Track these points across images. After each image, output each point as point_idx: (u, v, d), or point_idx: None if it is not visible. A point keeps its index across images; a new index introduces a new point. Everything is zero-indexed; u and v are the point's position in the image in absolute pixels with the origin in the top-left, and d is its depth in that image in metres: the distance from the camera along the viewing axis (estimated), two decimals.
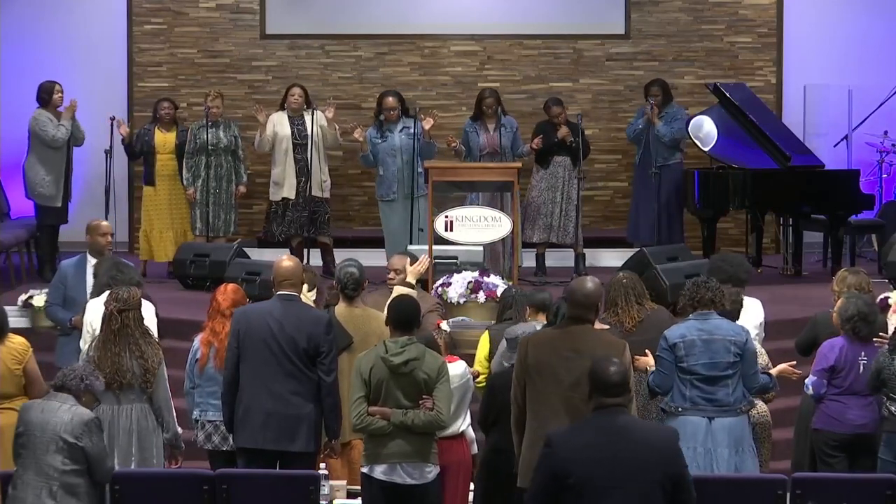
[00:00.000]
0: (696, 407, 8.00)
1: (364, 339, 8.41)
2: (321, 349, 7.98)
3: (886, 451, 8.28)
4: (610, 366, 6.23)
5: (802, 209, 13.16)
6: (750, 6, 14.99)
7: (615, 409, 6.17)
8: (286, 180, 13.04)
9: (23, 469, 7.21)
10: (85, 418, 7.24)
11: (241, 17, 15.01)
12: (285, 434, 7.98)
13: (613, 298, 8.92)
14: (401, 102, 12.84)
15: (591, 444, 6.07)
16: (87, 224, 10.35)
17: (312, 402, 8.00)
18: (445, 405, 7.59)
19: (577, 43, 15.02)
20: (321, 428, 8.10)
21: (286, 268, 8.22)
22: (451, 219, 11.43)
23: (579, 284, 7.38)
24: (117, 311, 8.21)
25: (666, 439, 6.18)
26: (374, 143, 12.80)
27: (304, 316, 8.08)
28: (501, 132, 12.97)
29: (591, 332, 7.36)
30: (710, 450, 7.96)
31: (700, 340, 8.01)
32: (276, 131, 13.06)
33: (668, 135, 13.44)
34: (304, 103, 13.11)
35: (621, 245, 13.86)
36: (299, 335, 7.97)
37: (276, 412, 7.97)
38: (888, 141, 14.46)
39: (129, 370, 8.13)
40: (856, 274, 9.23)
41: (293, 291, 8.18)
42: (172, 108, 13.30)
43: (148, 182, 13.28)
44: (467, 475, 8.32)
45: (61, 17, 14.88)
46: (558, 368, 7.14)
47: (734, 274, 9.21)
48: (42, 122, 12.79)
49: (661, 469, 6.05)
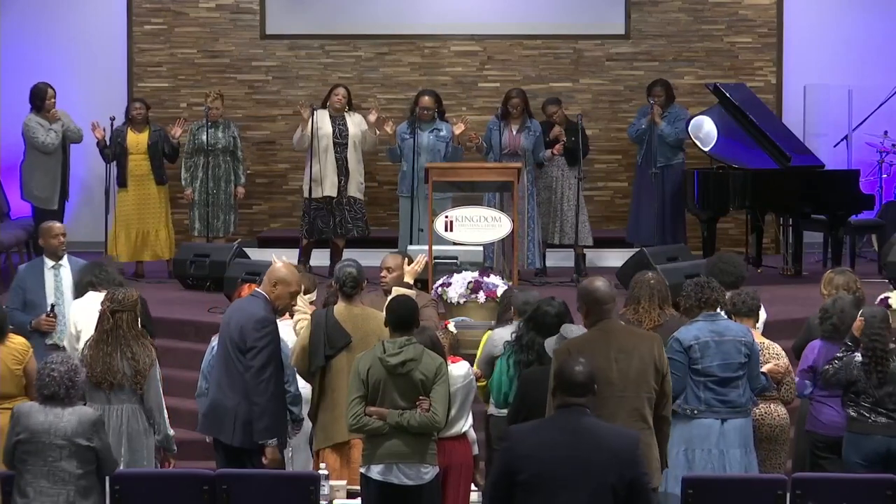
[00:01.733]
0: (711, 409, 7.99)
1: (363, 339, 8.39)
2: (248, 345, 8.04)
3: (854, 452, 8.26)
4: (576, 365, 6.14)
5: (802, 209, 13.15)
6: (750, 6, 14.99)
7: (578, 409, 6.07)
8: (327, 178, 12.99)
9: (32, 476, 7.18)
10: (92, 418, 7.25)
11: (241, 17, 15.01)
12: (216, 423, 8.13)
13: (637, 296, 8.80)
14: (438, 104, 12.90)
15: (547, 443, 5.99)
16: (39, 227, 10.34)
17: (240, 396, 8.07)
18: (442, 406, 7.58)
19: (577, 43, 15.02)
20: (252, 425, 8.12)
21: (277, 271, 8.28)
22: (451, 219, 11.42)
23: (591, 286, 7.25)
24: (110, 311, 8.20)
25: (626, 443, 6.06)
26: (403, 138, 12.85)
27: (245, 310, 8.17)
28: (524, 134, 12.96)
29: (628, 330, 7.34)
30: (722, 451, 7.96)
31: (713, 342, 8.01)
32: (318, 128, 13.01)
33: (672, 135, 13.43)
34: (347, 104, 13.11)
35: (621, 245, 13.85)
36: (234, 327, 8.10)
37: (214, 401, 8.16)
38: (888, 141, 14.46)
39: (120, 371, 8.11)
40: (842, 274, 9.24)
41: (263, 291, 8.26)
42: (144, 108, 13.27)
43: (121, 184, 13.18)
44: (469, 476, 8.30)
45: (61, 17, 14.88)
46: (608, 371, 7.00)
47: (741, 274, 9.24)
48: (32, 128, 12.81)
49: (616, 472, 5.94)
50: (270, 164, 14.97)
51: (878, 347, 8.21)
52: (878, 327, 8.24)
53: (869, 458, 8.22)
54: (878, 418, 8.22)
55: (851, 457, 8.28)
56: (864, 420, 8.25)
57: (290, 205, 14.77)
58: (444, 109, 13.10)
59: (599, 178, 14.84)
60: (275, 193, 15.00)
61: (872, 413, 8.23)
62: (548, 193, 13.21)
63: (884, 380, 8.21)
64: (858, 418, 8.27)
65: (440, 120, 12.90)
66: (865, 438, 8.24)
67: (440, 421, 7.61)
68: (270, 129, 14.80)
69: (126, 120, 13.28)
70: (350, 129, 12.99)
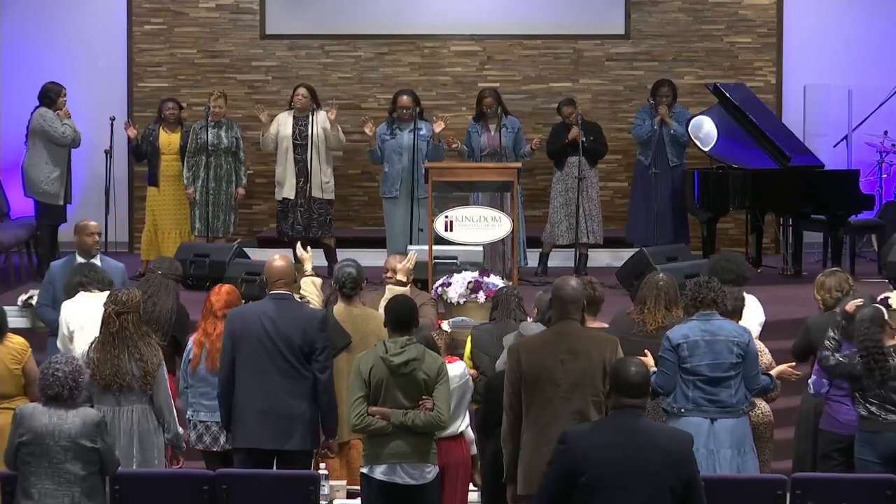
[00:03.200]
0: (699, 408, 7.98)
1: (363, 339, 8.40)
2: (315, 346, 8.01)
3: (867, 451, 8.22)
4: (632, 366, 6.20)
5: (802, 209, 13.15)
6: (750, 6, 15.00)
7: (633, 410, 6.14)
8: (287, 180, 13.05)
9: (36, 478, 7.17)
10: (96, 420, 7.24)
11: (241, 17, 15.02)
12: (281, 433, 7.99)
13: (644, 297, 8.74)
14: (416, 103, 12.86)
15: (607, 444, 6.06)
16: (74, 224, 10.35)
17: (307, 401, 8.02)
18: (445, 405, 7.59)
19: (577, 43, 15.02)
20: (317, 426, 8.11)
21: (278, 267, 8.26)
22: (451, 219, 11.43)
23: (561, 283, 7.34)
24: (115, 313, 8.16)
25: (681, 443, 6.16)
26: (383, 139, 12.83)
27: (298, 314, 8.10)
28: (503, 132, 12.96)
29: (584, 332, 7.35)
30: (712, 451, 7.95)
31: (703, 341, 8.00)
32: (279, 131, 13.06)
33: (685, 134, 13.39)
34: (311, 103, 13.10)
35: (621, 245, 13.85)
36: (294, 333, 7.99)
37: (271, 411, 7.99)
38: (888, 141, 14.46)
39: (129, 372, 8.09)
40: (832, 275, 9.19)
41: (286, 290, 8.22)
42: (177, 108, 13.30)
43: (152, 182, 13.28)
44: (466, 475, 8.31)
45: (61, 17, 14.88)
46: (555, 372, 7.11)
47: (740, 273, 9.22)
48: (50, 119, 12.79)
49: (674, 473, 6.04)
50: (270, 165, 14.91)
51: (870, 346, 8.20)
52: (867, 327, 8.24)
53: (884, 456, 8.17)
54: (889, 416, 8.21)
55: (866, 456, 8.23)
56: (875, 418, 8.23)
57: None
58: (423, 108, 13.05)
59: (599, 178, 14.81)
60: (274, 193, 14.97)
61: (882, 410, 8.21)
62: (570, 194, 13.14)
63: (886, 376, 8.20)
64: (870, 417, 8.24)
65: (419, 119, 12.86)
66: (879, 437, 8.20)
67: (445, 420, 7.63)
68: None
69: (158, 119, 13.30)
70: (315, 129, 12.96)
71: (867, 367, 8.21)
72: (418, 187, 12.56)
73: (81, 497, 7.16)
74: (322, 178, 13.06)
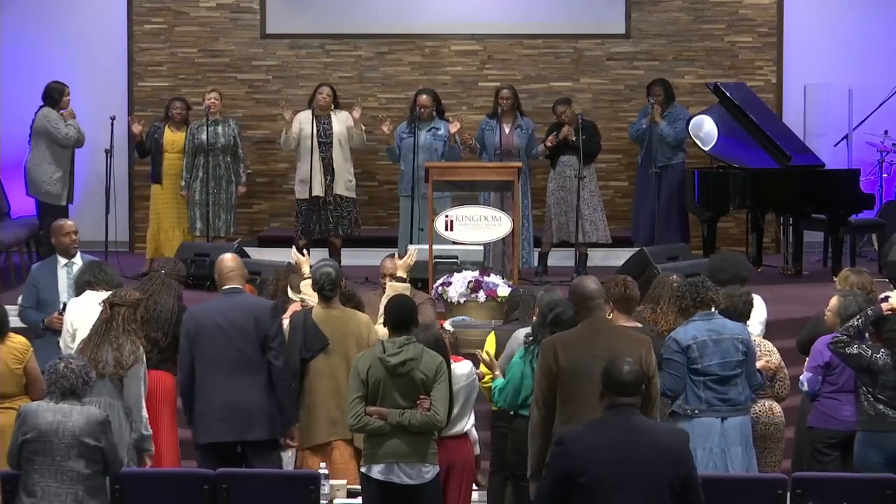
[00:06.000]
0: (712, 408, 8.00)
1: (341, 341, 8.34)
2: (269, 333, 8.19)
3: (872, 451, 8.18)
4: (624, 365, 6.23)
5: (803, 209, 13.16)
6: (750, 6, 14.99)
7: (628, 408, 6.17)
8: (315, 178, 13.00)
9: (40, 476, 7.18)
10: (100, 418, 7.27)
11: (241, 16, 15.02)
12: (242, 424, 8.15)
13: (656, 297, 8.78)
14: (436, 103, 12.92)
15: (604, 444, 6.08)
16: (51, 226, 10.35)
17: (266, 391, 8.18)
18: (442, 405, 7.58)
19: (577, 42, 15.02)
20: (277, 415, 8.22)
21: (227, 263, 8.46)
22: (451, 219, 11.43)
23: (580, 282, 7.34)
24: (109, 304, 8.27)
25: (677, 440, 6.19)
26: (401, 138, 12.86)
27: (249, 305, 8.33)
28: (517, 133, 12.95)
29: (620, 330, 7.39)
30: (724, 449, 7.97)
31: (711, 341, 8.02)
32: (301, 129, 13.02)
33: (671, 135, 13.44)
34: (332, 103, 13.10)
35: (621, 245, 13.84)
36: (247, 324, 8.18)
37: (231, 404, 8.16)
38: (888, 141, 14.47)
39: (103, 360, 8.11)
40: (859, 274, 9.21)
41: (237, 284, 8.40)
42: (185, 108, 13.30)
43: (155, 180, 13.27)
44: (470, 475, 8.31)
45: (61, 17, 14.88)
46: (594, 369, 6.94)
47: (738, 273, 9.21)
48: (54, 119, 12.78)
49: (671, 469, 6.07)
50: (270, 164, 14.97)
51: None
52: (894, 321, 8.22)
53: (890, 457, 8.13)
54: None
55: (870, 456, 8.18)
56: (883, 418, 8.19)
57: (290, 204, 14.72)
58: (444, 108, 13.10)
59: (600, 177, 14.78)
60: (275, 193, 15.01)
61: (889, 409, 8.19)
62: (562, 193, 13.15)
63: None
64: (877, 416, 8.20)
65: (439, 119, 12.90)
66: (887, 436, 8.15)
67: (441, 420, 7.61)
68: (270, 129, 14.78)
69: (165, 118, 13.30)
70: (335, 128, 12.98)
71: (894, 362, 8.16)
72: (419, 186, 12.55)
73: (84, 495, 7.17)
74: (346, 177, 13.07)
